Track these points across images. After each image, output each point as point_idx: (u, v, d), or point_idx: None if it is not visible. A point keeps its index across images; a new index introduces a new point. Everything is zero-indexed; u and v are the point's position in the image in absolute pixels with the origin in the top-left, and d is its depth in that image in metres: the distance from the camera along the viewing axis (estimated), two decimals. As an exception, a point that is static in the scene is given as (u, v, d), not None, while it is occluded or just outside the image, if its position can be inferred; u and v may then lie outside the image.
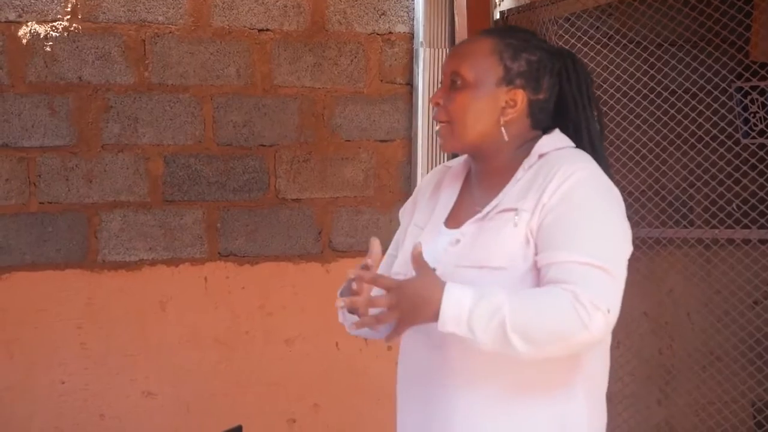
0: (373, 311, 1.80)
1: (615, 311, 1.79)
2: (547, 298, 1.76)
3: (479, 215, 1.92)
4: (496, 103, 1.94)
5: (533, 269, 1.85)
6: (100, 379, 3.58)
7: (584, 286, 1.75)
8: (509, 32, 2.03)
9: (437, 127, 1.99)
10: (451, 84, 1.96)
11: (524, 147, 1.97)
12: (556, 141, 1.96)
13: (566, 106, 2.00)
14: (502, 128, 1.94)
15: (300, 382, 3.79)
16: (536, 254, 1.84)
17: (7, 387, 3.49)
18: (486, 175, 1.99)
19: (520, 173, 1.93)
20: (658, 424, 4.23)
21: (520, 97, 1.95)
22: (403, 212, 2.16)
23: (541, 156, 1.92)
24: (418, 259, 1.78)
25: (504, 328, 1.73)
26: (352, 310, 1.87)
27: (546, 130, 2.00)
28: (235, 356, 3.72)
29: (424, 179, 2.17)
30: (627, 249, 1.89)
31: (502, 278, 1.84)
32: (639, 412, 3.96)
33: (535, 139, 1.98)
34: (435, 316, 1.75)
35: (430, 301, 1.75)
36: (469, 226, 1.93)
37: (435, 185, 2.09)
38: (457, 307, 1.74)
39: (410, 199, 2.15)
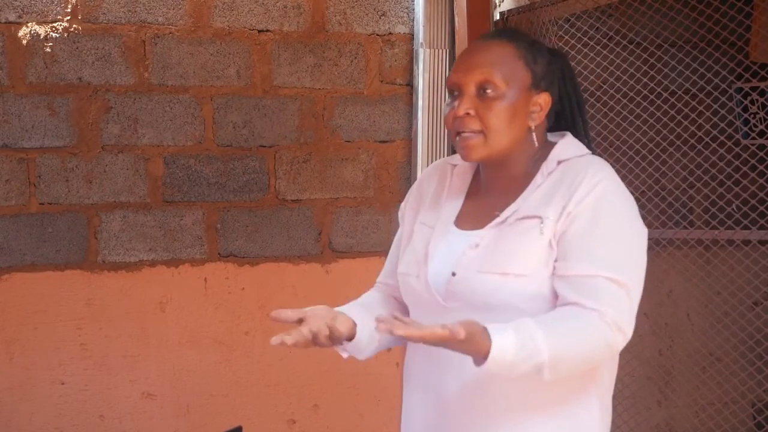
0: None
1: (631, 329, 1.84)
2: (582, 334, 1.78)
3: (498, 219, 1.91)
4: (527, 109, 1.93)
5: (552, 276, 1.85)
6: (99, 380, 3.58)
7: (608, 304, 1.78)
8: (516, 35, 2.01)
9: (459, 139, 1.93)
10: (480, 93, 1.91)
11: (540, 151, 1.97)
12: (574, 148, 1.95)
13: (563, 106, 2.00)
14: (533, 134, 1.94)
15: (300, 383, 3.79)
16: (556, 260, 1.84)
17: (7, 387, 3.49)
18: (501, 180, 1.97)
19: (539, 179, 1.92)
20: (658, 424, 4.23)
21: (547, 99, 1.95)
22: (405, 207, 2.13)
23: (560, 162, 1.92)
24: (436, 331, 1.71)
25: (541, 371, 1.76)
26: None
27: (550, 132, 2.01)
28: (235, 357, 3.72)
29: (424, 174, 2.14)
30: (645, 263, 1.90)
31: (523, 284, 1.84)
32: (639, 413, 3.95)
33: (547, 143, 1.98)
34: (480, 359, 1.73)
35: (480, 346, 1.72)
36: (488, 231, 1.91)
37: (438, 182, 2.07)
38: (501, 357, 1.72)
39: (412, 195, 2.12)
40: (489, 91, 1.90)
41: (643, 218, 1.93)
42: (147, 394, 3.63)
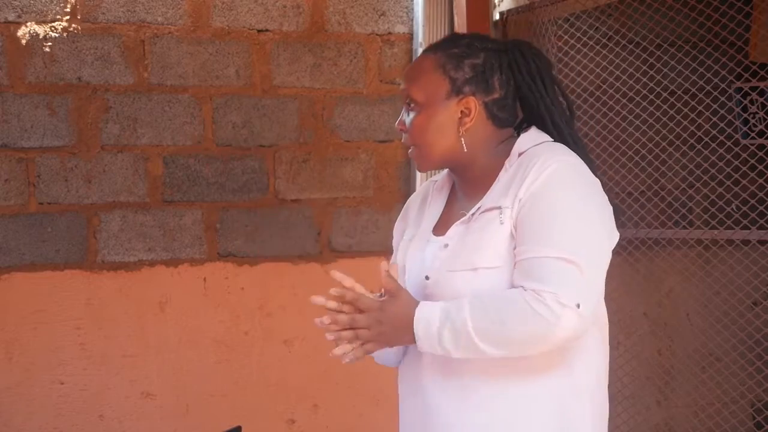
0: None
1: (588, 304, 1.79)
2: (507, 307, 1.79)
3: (464, 218, 1.94)
4: (452, 116, 1.96)
5: None
6: (99, 380, 3.58)
7: (551, 283, 1.77)
8: (451, 43, 2.03)
9: (409, 151, 2.04)
10: (408, 108, 2.00)
11: (500, 148, 1.98)
12: (533, 137, 1.96)
13: (525, 96, 2.00)
14: (462, 138, 1.96)
15: (299, 383, 3.79)
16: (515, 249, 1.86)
17: (7, 387, 3.49)
18: (468, 183, 2.01)
19: (501, 174, 1.94)
20: (657, 424, 4.23)
21: (473, 103, 1.96)
22: (396, 229, 2.18)
23: (521, 154, 1.94)
24: (387, 280, 1.84)
25: (473, 342, 1.79)
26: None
27: (520, 126, 2.02)
28: (235, 357, 3.72)
29: (411, 197, 2.20)
30: (606, 238, 1.89)
31: (496, 277, 1.86)
32: (638, 413, 3.96)
33: (510, 138, 1.99)
34: (413, 338, 1.83)
35: (406, 322, 1.83)
36: (454, 229, 1.95)
37: (422, 200, 2.12)
38: (427, 331, 1.81)
39: (401, 216, 2.18)
40: (411, 105, 2.00)
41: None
42: (146, 393, 3.63)
